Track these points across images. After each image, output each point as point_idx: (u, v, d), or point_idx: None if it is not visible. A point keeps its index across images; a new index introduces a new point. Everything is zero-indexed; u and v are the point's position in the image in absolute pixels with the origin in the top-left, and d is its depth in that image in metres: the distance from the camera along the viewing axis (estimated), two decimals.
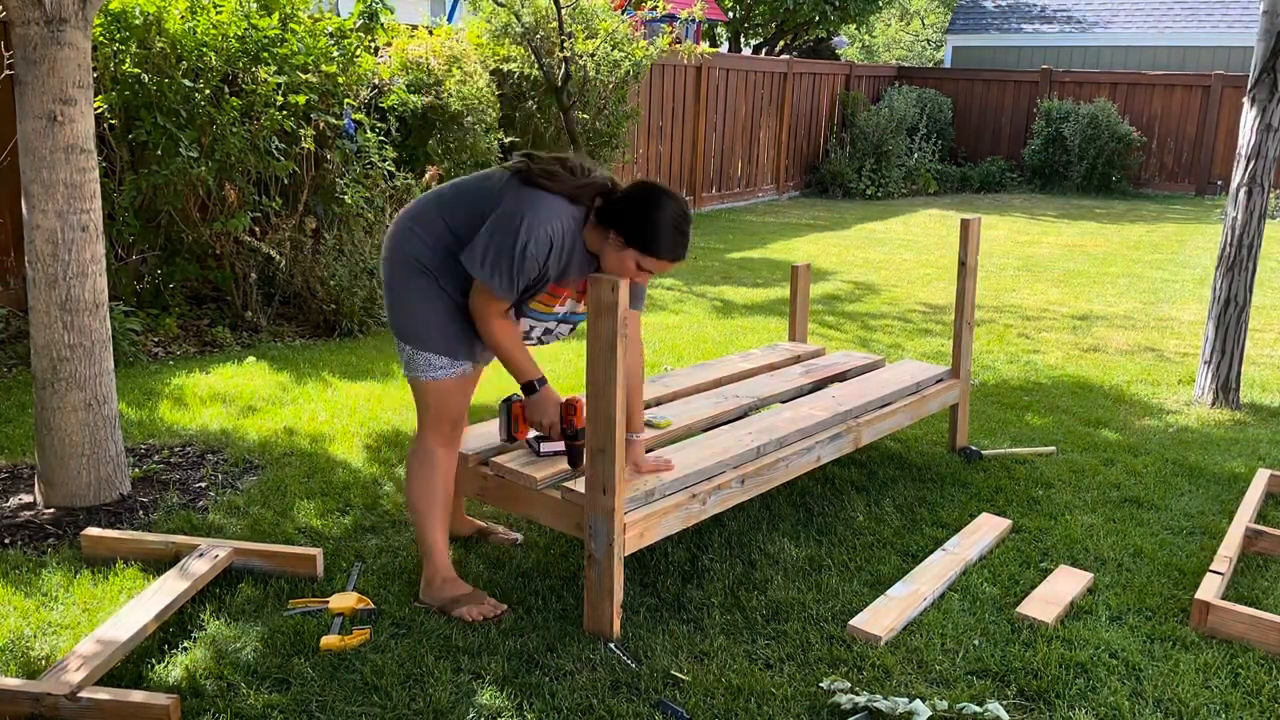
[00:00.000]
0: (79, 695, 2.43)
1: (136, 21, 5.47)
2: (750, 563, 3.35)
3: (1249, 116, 4.93)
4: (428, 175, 6.74)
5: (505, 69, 8.49)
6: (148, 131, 5.56)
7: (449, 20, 14.06)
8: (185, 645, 2.78)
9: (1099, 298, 7.96)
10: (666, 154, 12.05)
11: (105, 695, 2.45)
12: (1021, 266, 9.24)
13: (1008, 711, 2.59)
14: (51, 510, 3.58)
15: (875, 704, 2.55)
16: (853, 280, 8.47)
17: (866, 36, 32.76)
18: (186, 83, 5.54)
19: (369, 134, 6.37)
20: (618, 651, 2.79)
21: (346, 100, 6.37)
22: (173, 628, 2.86)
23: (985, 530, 3.60)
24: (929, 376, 4.25)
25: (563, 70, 8.28)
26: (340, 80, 6.24)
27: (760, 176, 14.06)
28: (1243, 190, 4.97)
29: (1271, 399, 5.36)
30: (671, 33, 9.54)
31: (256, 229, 6.14)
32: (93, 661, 2.54)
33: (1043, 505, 3.91)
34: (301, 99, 5.86)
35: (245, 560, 3.18)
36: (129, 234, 5.80)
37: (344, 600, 2.95)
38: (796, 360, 4.46)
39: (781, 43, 18.81)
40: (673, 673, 2.71)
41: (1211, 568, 3.23)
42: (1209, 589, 3.06)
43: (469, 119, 7.22)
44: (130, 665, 2.67)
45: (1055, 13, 18.70)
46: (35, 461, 3.69)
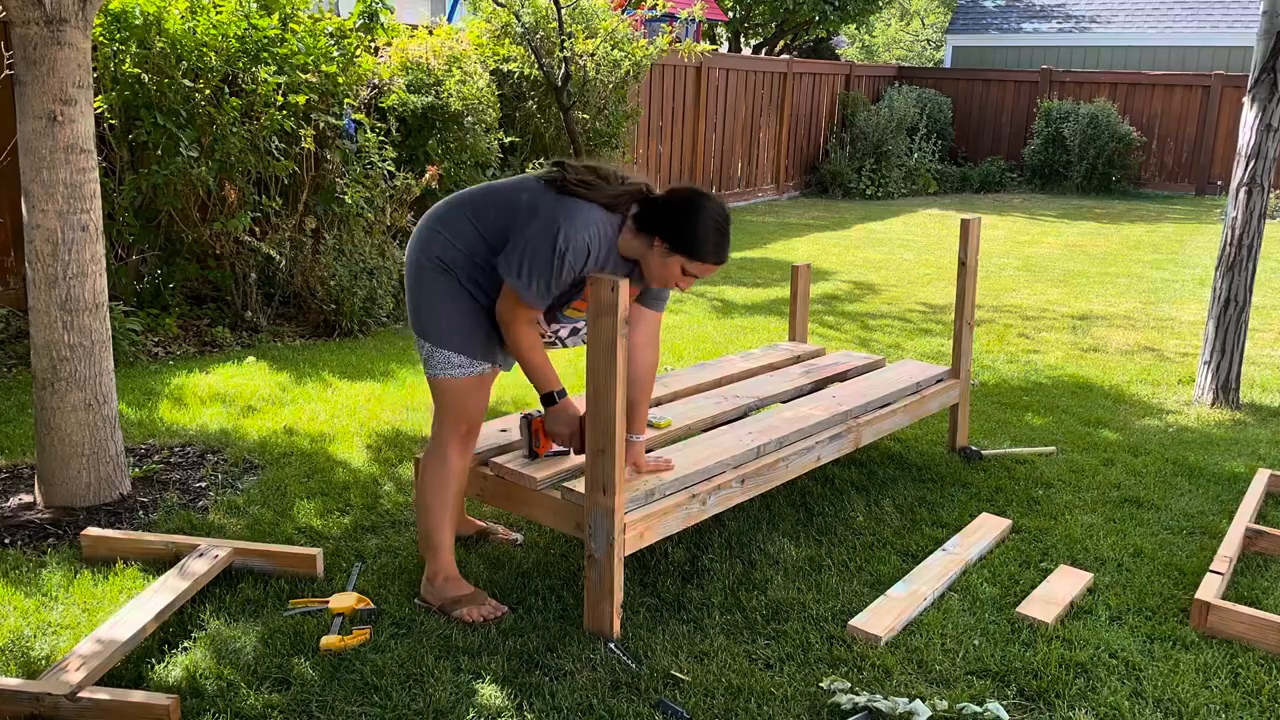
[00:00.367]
0: (79, 695, 2.43)
1: (136, 21, 5.46)
2: (750, 563, 3.35)
3: (1249, 116, 4.93)
4: (427, 175, 6.74)
5: (505, 69, 8.48)
6: (148, 131, 5.56)
7: (449, 20, 14.06)
8: (185, 645, 2.78)
9: (1099, 298, 7.96)
10: (666, 154, 12.05)
11: (105, 695, 2.45)
12: (1021, 266, 9.24)
13: (1008, 711, 2.59)
14: (51, 510, 3.58)
15: (875, 704, 2.55)
16: (852, 280, 8.47)
17: (866, 36, 32.75)
18: (186, 83, 5.54)
19: (369, 134, 6.37)
20: (618, 651, 2.79)
21: (346, 100, 6.37)
22: (173, 628, 2.86)
23: (985, 530, 3.60)
24: (929, 376, 4.25)
25: (563, 70, 8.28)
26: (340, 80, 6.24)
27: (760, 176, 14.06)
28: (1243, 190, 4.97)
29: (1271, 399, 5.36)
30: (671, 32, 9.53)
31: (256, 229, 6.15)
32: (93, 661, 2.54)
33: (1043, 505, 3.91)
34: (301, 99, 5.86)
35: (245, 560, 3.18)
36: (129, 234, 5.80)
37: (344, 600, 2.95)
38: (796, 360, 4.46)
39: (781, 43, 18.82)
40: (673, 673, 2.71)
41: (1211, 568, 3.23)
42: (1209, 589, 3.06)
43: (469, 119, 7.22)
44: (130, 665, 2.67)
45: (1055, 12, 18.71)
46: (35, 461, 3.69)
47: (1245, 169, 4.96)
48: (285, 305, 6.44)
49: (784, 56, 14.56)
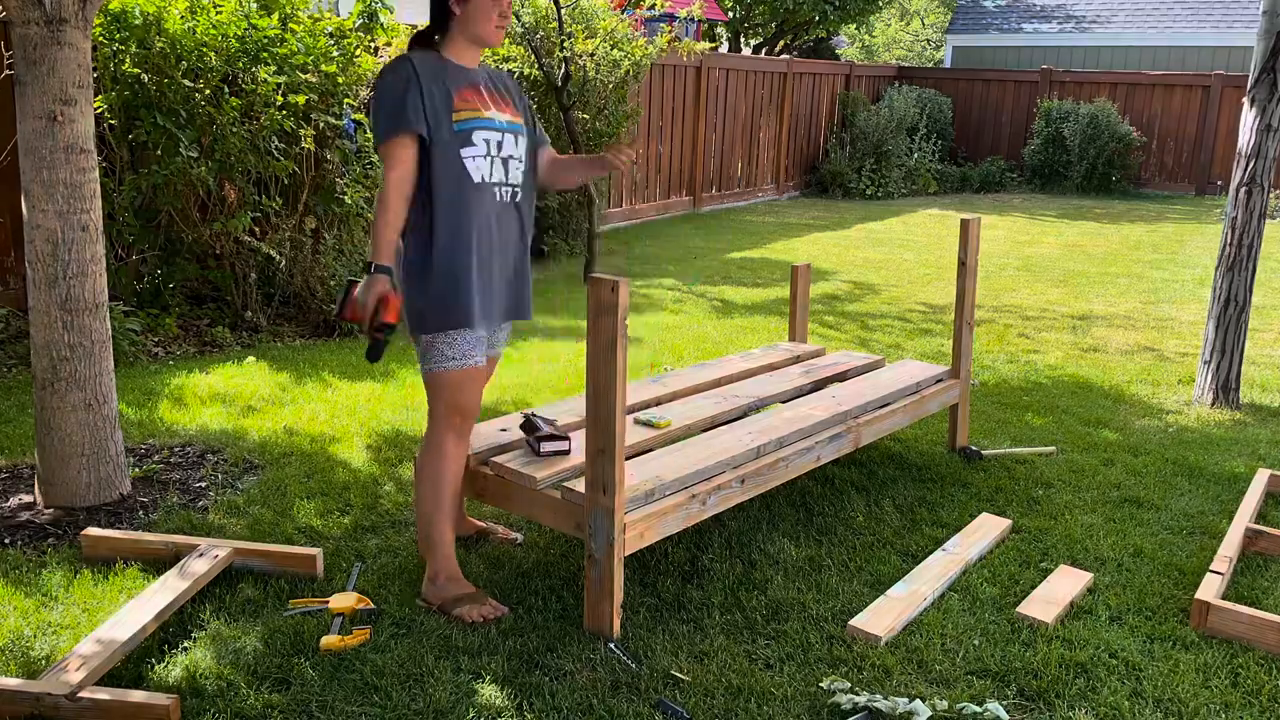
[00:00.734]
0: (79, 695, 2.43)
1: (136, 21, 5.47)
2: (750, 563, 3.35)
3: (1249, 116, 4.93)
4: None
5: (505, 69, 8.48)
6: (148, 131, 5.56)
7: None
8: (185, 645, 2.78)
9: (1099, 298, 7.96)
10: (667, 154, 12.05)
11: (105, 695, 2.45)
12: (1021, 266, 9.24)
13: (1008, 711, 2.59)
14: (51, 510, 3.58)
15: (875, 704, 2.55)
16: (852, 280, 8.47)
17: (866, 36, 32.76)
18: (186, 83, 5.54)
19: (369, 134, 6.37)
20: (618, 651, 2.79)
21: (346, 100, 6.37)
22: (173, 628, 2.86)
23: (985, 530, 3.60)
24: (929, 376, 4.25)
25: (562, 70, 8.28)
26: (340, 80, 6.24)
27: (760, 176, 14.06)
28: (1243, 190, 4.97)
29: (1271, 399, 5.36)
30: (671, 32, 9.53)
31: (256, 229, 6.14)
32: (93, 661, 2.54)
33: (1043, 505, 3.91)
34: (301, 99, 5.86)
35: (245, 560, 3.18)
36: (129, 234, 5.80)
37: (344, 600, 2.95)
38: (796, 360, 4.46)
39: (781, 42, 18.82)
40: (673, 673, 2.71)
41: (1211, 568, 3.23)
42: (1209, 589, 3.06)
43: None
44: (130, 665, 2.67)
45: (1055, 12, 18.71)
46: (35, 461, 3.69)
47: (1245, 169, 4.96)
48: (285, 305, 6.44)
49: (784, 56, 14.56)
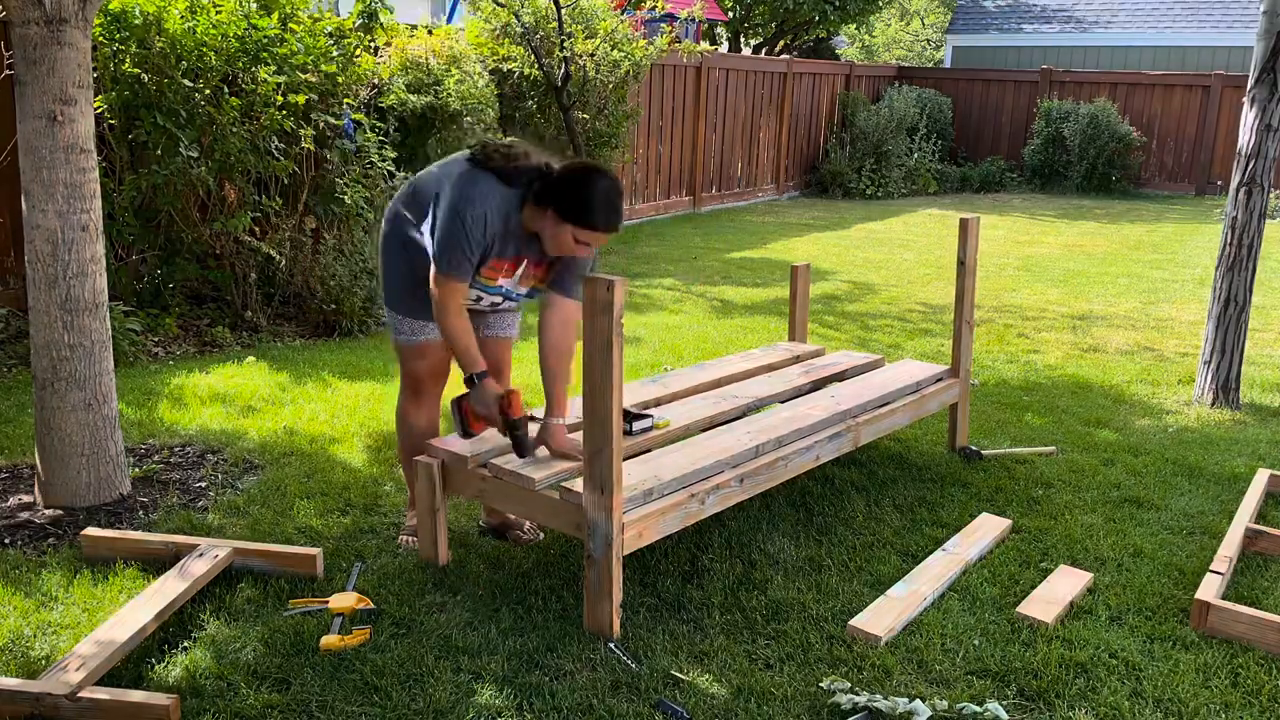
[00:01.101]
0: (79, 695, 2.43)
1: (136, 21, 5.47)
2: (750, 563, 3.35)
3: (1249, 116, 4.93)
4: None
5: (505, 69, 8.49)
6: (148, 131, 5.56)
7: (449, 20, 14.07)
8: (185, 645, 2.78)
9: (1099, 298, 7.96)
10: (666, 154, 12.05)
11: (105, 695, 2.45)
12: (1021, 266, 9.24)
13: (1008, 711, 2.59)
14: (51, 510, 3.58)
15: (875, 704, 2.55)
16: (852, 280, 8.47)
17: (866, 36, 32.75)
18: (186, 83, 5.54)
19: (368, 134, 6.38)
20: (618, 651, 2.79)
21: (346, 100, 6.37)
22: (173, 628, 2.86)
23: (985, 530, 3.60)
24: (928, 376, 4.25)
25: (562, 70, 8.28)
26: (340, 80, 6.24)
27: (760, 176, 14.06)
28: (1243, 190, 4.97)
29: (1271, 399, 5.36)
30: (671, 32, 9.53)
31: (256, 229, 6.15)
32: (92, 661, 2.54)
33: (1043, 505, 3.91)
34: (301, 99, 5.86)
35: (245, 560, 3.18)
36: (129, 234, 5.80)
37: (344, 600, 2.95)
38: (796, 360, 4.46)
39: (781, 43, 18.81)
40: (673, 673, 2.71)
41: (1211, 568, 3.23)
42: (1209, 589, 3.06)
43: (468, 119, 7.22)
44: (130, 665, 2.68)
45: (1055, 13, 18.70)
46: (35, 461, 3.69)
47: (1245, 169, 4.96)
48: (285, 305, 6.44)
49: (784, 56, 14.55)
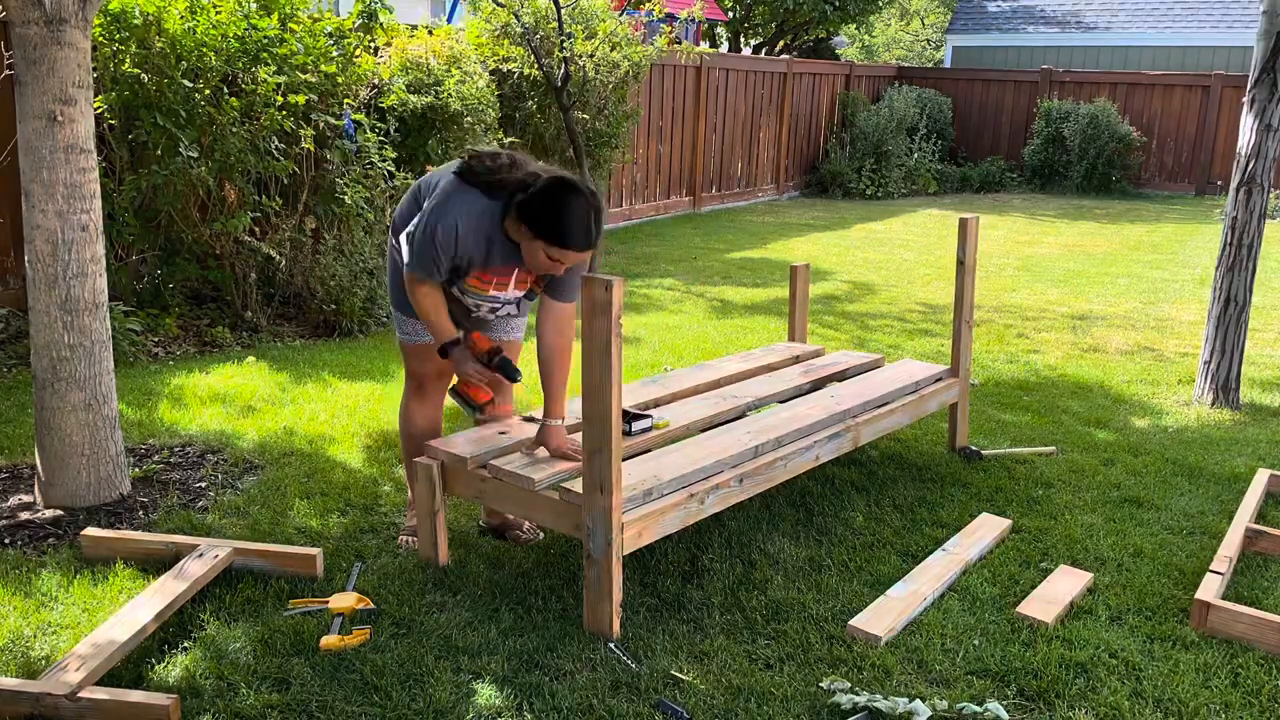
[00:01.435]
0: (79, 695, 2.43)
1: (136, 21, 5.47)
2: (750, 563, 3.35)
3: (1248, 117, 4.93)
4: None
5: (505, 69, 8.48)
6: (148, 131, 5.56)
7: (449, 20, 14.07)
8: (185, 645, 2.78)
9: (1098, 298, 7.96)
10: (666, 154, 12.05)
11: (105, 695, 2.45)
12: (1021, 266, 9.24)
13: (1008, 711, 2.59)
14: (51, 510, 3.58)
15: (875, 704, 2.55)
16: (852, 280, 8.47)
17: (866, 36, 32.75)
18: (186, 83, 5.54)
19: (369, 134, 6.37)
20: (618, 651, 2.79)
21: (346, 100, 6.37)
22: (172, 628, 2.86)
23: (985, 530, 3.60)
24: (928, 376, 4.25)
25: (562, 70, 8.28)
26: (340, 80, 6.24)
27: (760, 176, 14.06)
28: (1243, 190, 4.97)
29: (1271, 399, 5.36)
30: (671, 33, 9.53)
31: (256, 229, 6.14)
32: (92, 662, 2.54)
33: (1043, 505, 3.91)
34: (301, 99, 5.86)
35: (245, 560, 3.18)
36: (129, 234, 5.80)
37: (344, 600, 2.95)
38: (796, 360, 4.46)
39: (781, 43, 18.81)
40: (673, 673, 2.71)
41: (1211, 568, 3.23)
42: (1209, 589, 3.06)
43: (469, 119, 7.21)
44: (130, 665, 2.67)
45: (1055, 13, 18.70)
46: (35, 461, 3.69)
47: (1245, 169, 4.96)
48: (285, 305, 6.44)
49: (784, 56, 14.55)
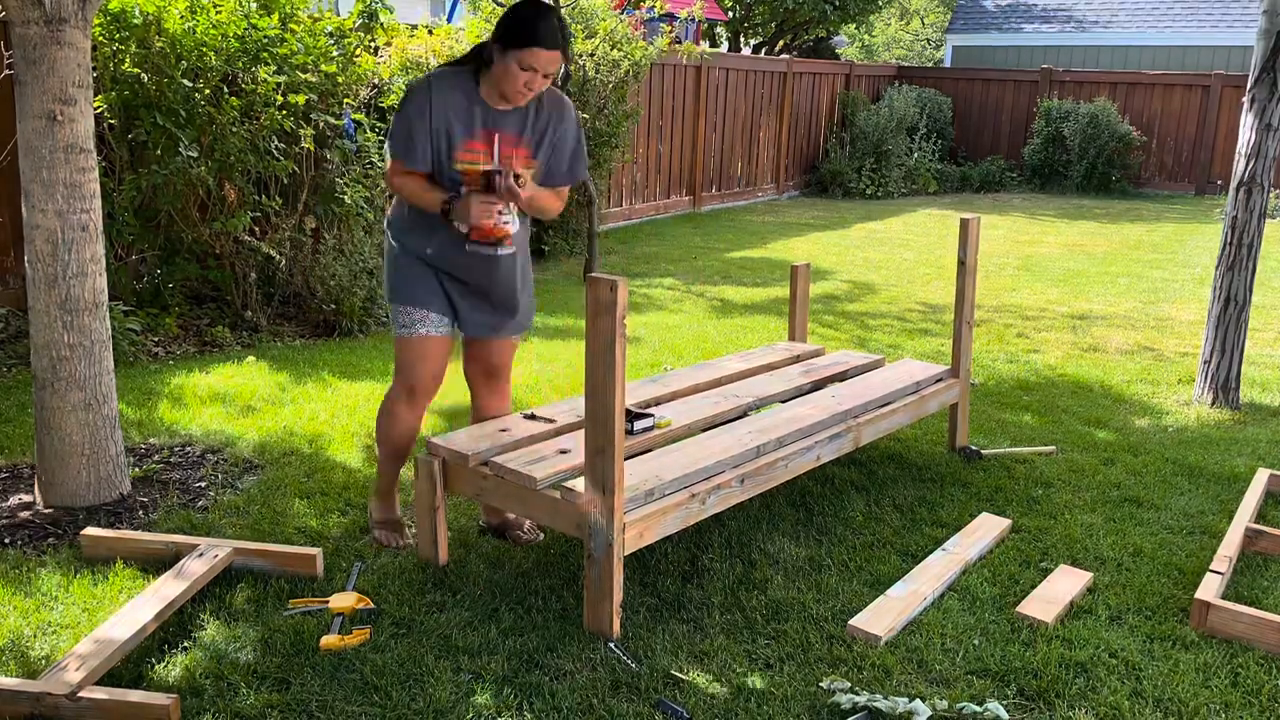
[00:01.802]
0: (78, 695, 2.43)
1: (136, 21, 5.47)
2: (750, 563, 3.35)
3: (1248, 116, 4.93)
4: None
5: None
6: (147, 131, 5.56)
7: (449, 20, 14.06)
8: (185, 645, 2.78)
9: (1098, 297, 7.96)
10: (666, 154, 12.05)
11: (105, 695, 2.45)
12: (1021, 266, 9.24)
13: (1008, 711, 2.59)
14: (51, 510, 3.58)
15: (875, 704, 2.55)
16: (852, 280, 8.47)
17: (866, 36, 32.76)
18: (186, 82, 5.54)
19: (369, 134, 6.37)
20: (618, 651, 2.79)
21: (346, 100, 6.37)
22: (172, 628, 2.86)
23: (985, 530, 3.60)
24: (928, 376, 4.25)
25: (562, 70, 8.28)
26: (340, 80, 6.24)
27: (760, 176, 14.06)
28: (1243, 190, 4.97)
29: (1271, 399, 5.36)
30: (671, 32, 9.53)
31: (256, 229, 6.14)
32: (92, 661, 2.54)
33: (1042, 505, 3.91)
34: (301, 99, 5.86)
35: (245, 560, 3.18)
36: (129, 234, 5.80)
37: (344, 600, 2.95)
38: (796, 360, 4.46)
39: (781, 42, 18.82)
40: (673, 673, 2.71)
41: (1211, 567, 3.23)
42: (1209, 589, 3.06)
43: None
44: (130, 665, 2.67)
45: (1055, 13, 18.70)
46: (35, 461, 3.69)
47: (1245, 168, 4.96)
48: (285, 305, 6.44)
49: (784, 56, 14.55)
